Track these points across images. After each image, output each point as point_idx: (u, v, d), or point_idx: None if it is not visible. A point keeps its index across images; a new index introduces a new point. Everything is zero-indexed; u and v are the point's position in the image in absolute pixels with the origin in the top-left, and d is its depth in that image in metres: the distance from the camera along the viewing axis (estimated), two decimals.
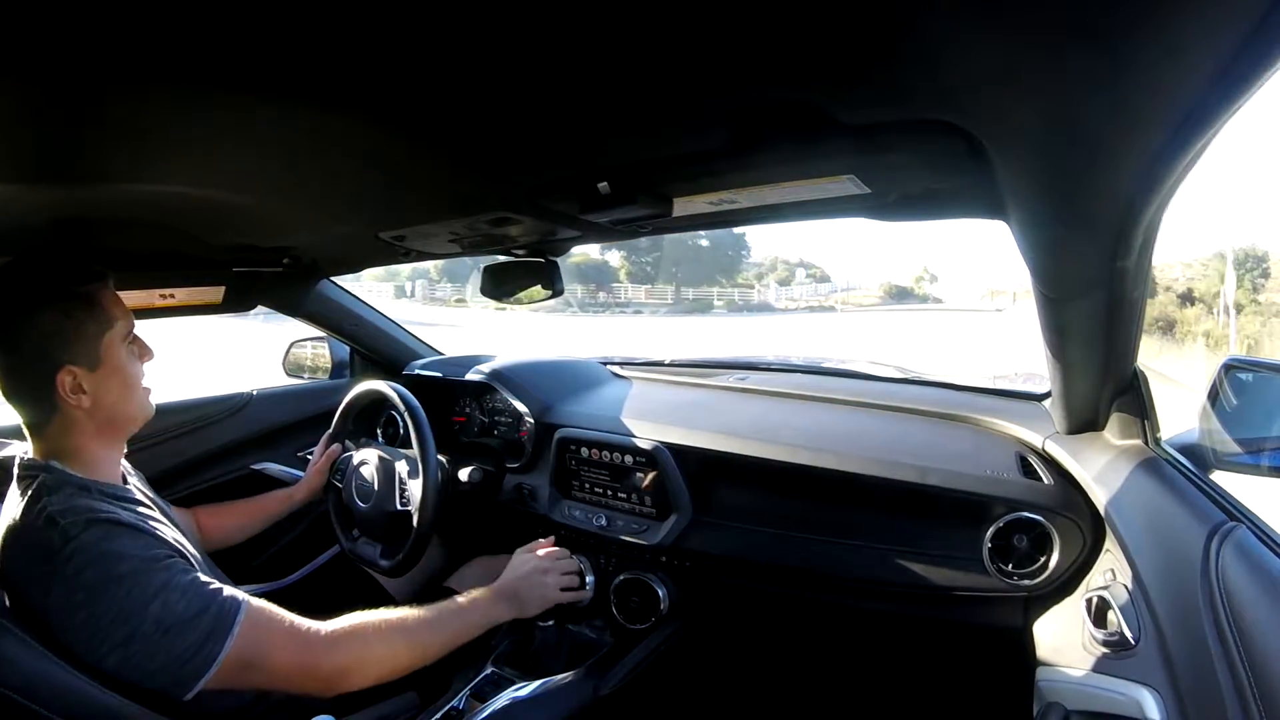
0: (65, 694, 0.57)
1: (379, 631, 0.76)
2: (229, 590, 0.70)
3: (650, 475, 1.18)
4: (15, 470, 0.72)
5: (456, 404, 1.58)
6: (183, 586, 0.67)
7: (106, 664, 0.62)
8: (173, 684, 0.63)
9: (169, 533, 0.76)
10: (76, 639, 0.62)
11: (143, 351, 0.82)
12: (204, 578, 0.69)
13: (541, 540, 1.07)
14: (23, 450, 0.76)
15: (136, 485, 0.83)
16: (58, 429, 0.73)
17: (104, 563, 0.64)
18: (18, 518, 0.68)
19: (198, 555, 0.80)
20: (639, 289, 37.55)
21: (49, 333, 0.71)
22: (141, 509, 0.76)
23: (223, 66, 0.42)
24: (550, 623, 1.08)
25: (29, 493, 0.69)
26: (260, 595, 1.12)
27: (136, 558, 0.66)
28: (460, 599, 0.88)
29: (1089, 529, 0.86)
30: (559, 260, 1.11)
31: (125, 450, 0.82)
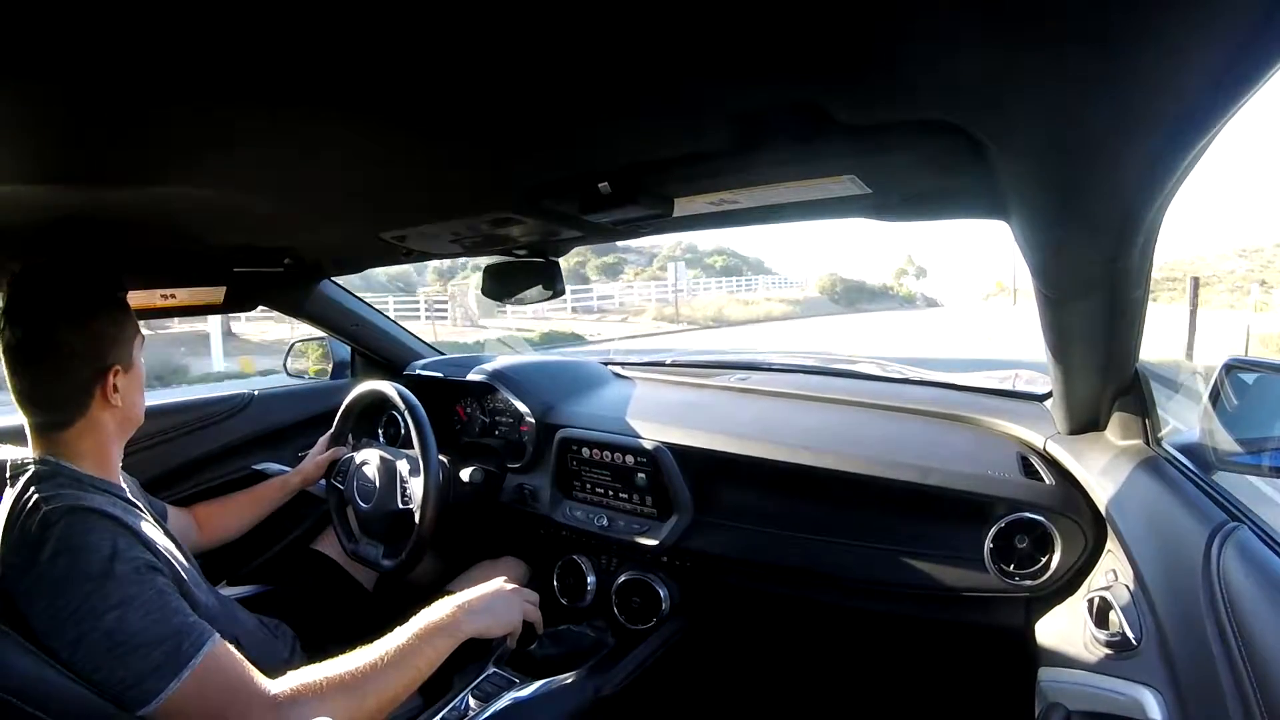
0: (62, 698, 0.56)
1: (329, 689, 0.67)
2: (198, 626, 0.65)
3: (652, 475, 1.18)
4: (8, 470, 0.72)
5: (457, 404, 1.59)
6: (147, 606, 0.63)
7: (60, 657, 0.60)
8: (116, 702, 0.60)
9: (158, 536, 0.76)
10: (37, 626, 0.61)
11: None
12: (175, 603, 0.65)
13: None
14: (20, 454, 0.76)
15: (127, 489, 0.83)
16: (77, 432, 0.74)
17: (76, 555, 0.63)
18: (8, 513, 0.68)
19: (185, 563, 0.79)
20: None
21: (102, 335, 0.74)
22: (133, 511, 0.76)
23: (224, 69, 0.42)
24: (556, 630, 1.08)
25: (20, 485, 0.69)
26: (251, 599, 1.14)
27: (109, 560, 0.63)
28: (418, 629, 0.75)
29: (1090, 529, 0.86)
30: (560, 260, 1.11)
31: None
